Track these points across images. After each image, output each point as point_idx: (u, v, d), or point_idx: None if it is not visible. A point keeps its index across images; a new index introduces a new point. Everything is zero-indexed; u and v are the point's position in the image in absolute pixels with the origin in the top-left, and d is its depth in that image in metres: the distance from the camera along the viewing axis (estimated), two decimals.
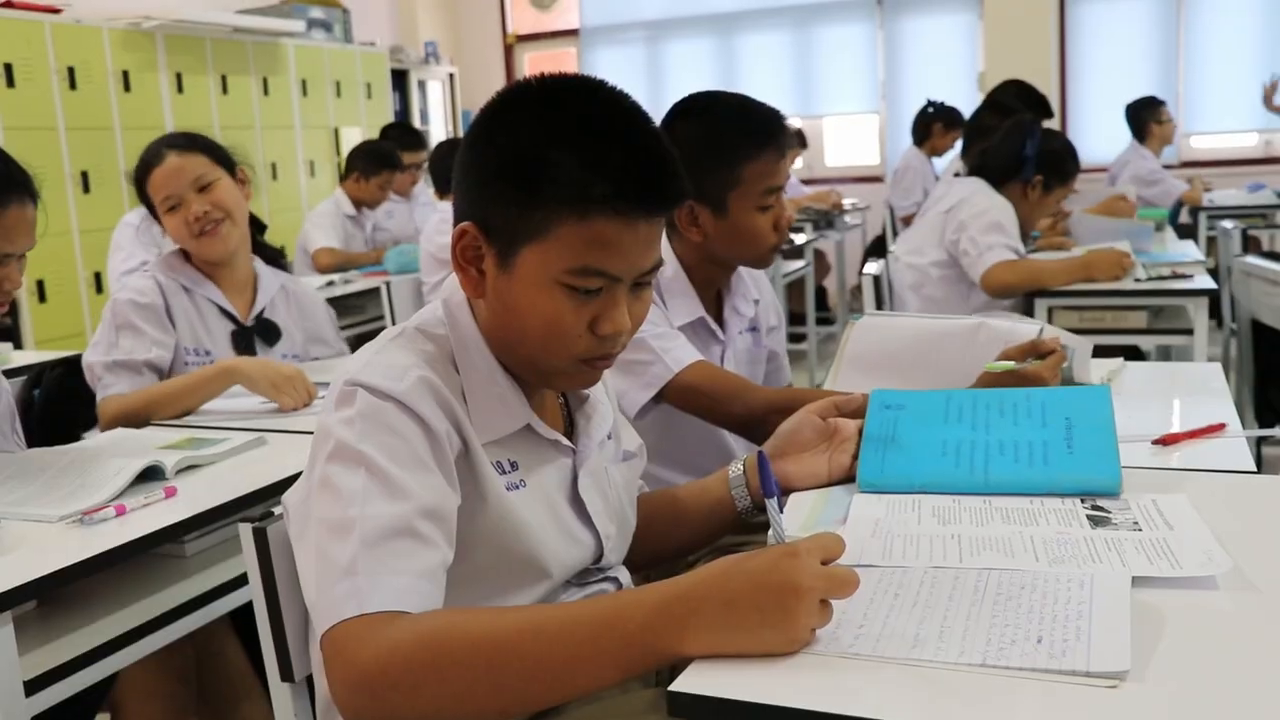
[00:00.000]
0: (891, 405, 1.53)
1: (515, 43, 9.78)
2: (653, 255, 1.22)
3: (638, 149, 1.18)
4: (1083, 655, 0.94)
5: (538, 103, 1.19)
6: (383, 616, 1.02)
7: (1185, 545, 1.18)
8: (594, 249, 1.16)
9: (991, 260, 3.23)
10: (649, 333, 1.91)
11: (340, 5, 7.70)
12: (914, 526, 1.27)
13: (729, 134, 1.94)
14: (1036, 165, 3.39)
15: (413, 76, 8.80)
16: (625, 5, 9.17)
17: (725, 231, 1.96)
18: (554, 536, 1.27)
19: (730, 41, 8.85)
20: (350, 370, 1.17)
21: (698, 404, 1.92)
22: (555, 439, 1.30)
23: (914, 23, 8.34)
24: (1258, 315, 3.37)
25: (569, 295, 1.18)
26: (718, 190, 1.94)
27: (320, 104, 7.28)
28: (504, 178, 1.17)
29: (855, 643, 1.00)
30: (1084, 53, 8.01)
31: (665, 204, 1.20)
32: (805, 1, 8.57)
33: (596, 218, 1.14)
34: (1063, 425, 1.45)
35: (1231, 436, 1.66)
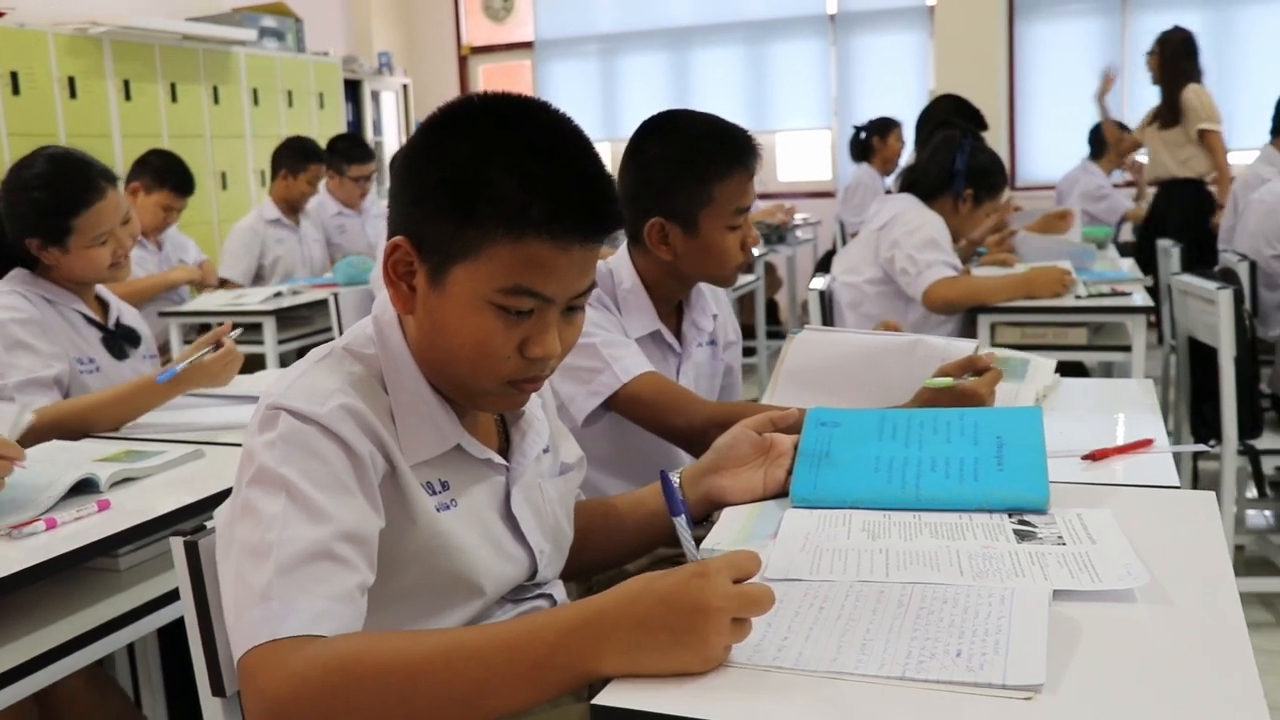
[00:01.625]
0: (827, 422, 1.54)
1: (470, 54, 9.77)
2: (586, 280, 1.21)
3: (578, 174, 1.17)
4: (999, 668, 0.96)
5: (480, 120, 1.18)
6: (296, 641, 1.02)
7: (1106, 559, 1.21)
8: (527, 270, 1.15)
9: (932, 278, 3.27)
10: (600, 340, 1.92)
11: (293, 15, 7.66)
12: (843, 541, 1.29)
13: (701, 153, 1.95)
14: (967, 179, 3.44)
15: (366, 87, 8.77)
16: (580, 18, 9.19)
17: (694, 250, 1.98)
18: (487, 555, 1.27)
19: (684, 56, 8.89)
20: (274, 392, 1.16)
21: (642, 414, 1.93)
22: (487, 458, 1.30)
23: (866, 40, 8.42)
24: (1194, 332, 3.43)
25: (499, 316, 1.17)
26: (689, 209, 1.96)
27: (272, 113, 7.24)
28: (441, 194, 1.16)
29: (779, 655, 1.01)
30: (1032, 71, 8.12)
31: (601, 230, 1.19)
32: (759, 17, 8.63)
33: (532, 240, 1.14)
34: (994, 443, 1.48)
35: (1158, 452, 1.69)
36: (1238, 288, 3.22)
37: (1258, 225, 4.06)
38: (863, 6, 8.41)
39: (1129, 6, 7.85)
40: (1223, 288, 3.13)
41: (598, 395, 1.91)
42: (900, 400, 1.80)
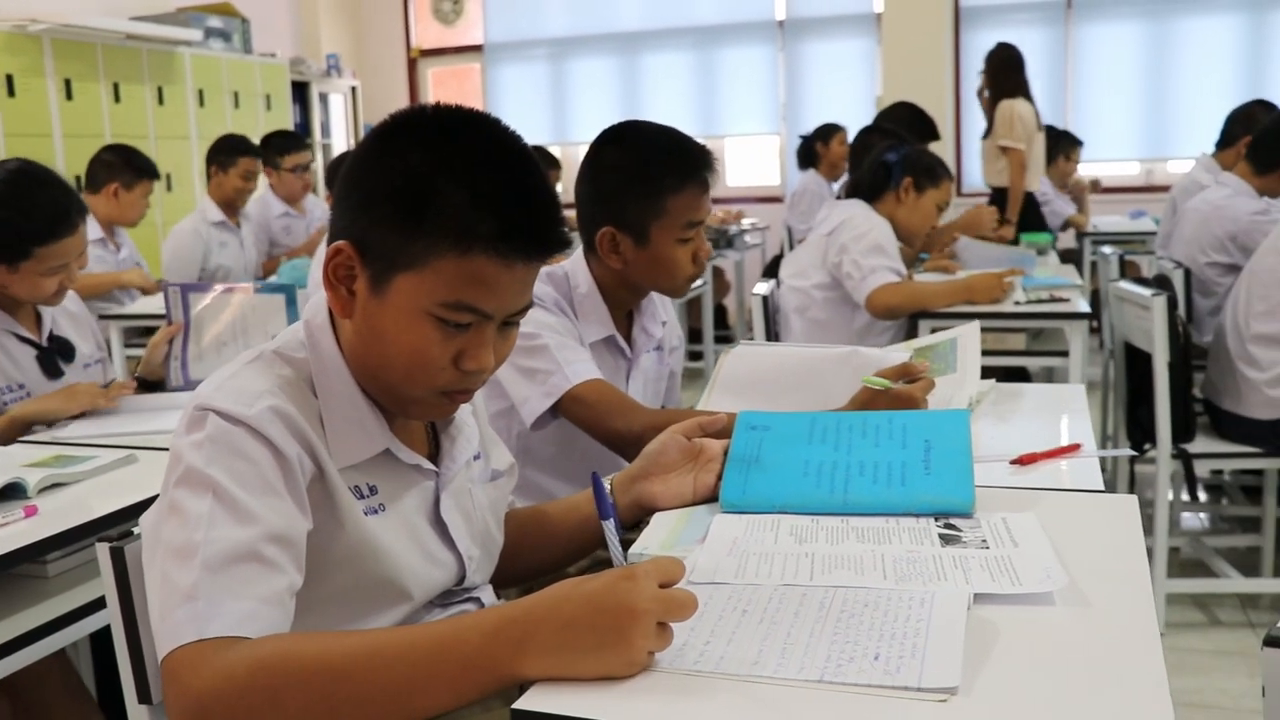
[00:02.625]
0: (757, 426, 1.56)
1: (419, 57, 9.73)
2: (525, 297, 1.22)
3: (527, 192, 1.18)
4: (916, 671, 0.98)
5: (433, 131, 1.19)
6: (221, 642, 1.01)
7: (1027, 562, 1.23)
8: (470, 285, 1.16)
9: (875, 283, 3.31)
10: (554, 343, 1.93)
11: (239, 15, 7.60)
12: (770, 545, 1.30)
13: (655, 165, 1.96)
14: (903, 169, 3.49)
15: (314, 89, 8.71)
16: (529, 22, 9.18)
17: (645, 261, 1.99)
18: (415, 559, 1.27)
19: (634, 61, 8.91)
20: (202, 394, 1.16)
21: (584, 417, 1.94)
22: (416, 463, 1.30)
23: (814, 46, 8.48)
24: (1130, 338, 3.49)
25: (437, 327, 1.18)
26: (640, 219, 1.97)
27: (218, 115, 7.17)
28: (389, 202, 1.16)
29: (700, 659, 1.02)
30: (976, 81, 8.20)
31: (546, 250, 1.20)
32: (708, 23, 8.67)
33: (478, 255, 1.14)
34: (922, 447, 1.50)
35: (1086, 457, 1.72)
36: (1171, 294, 3.27)
37: (1193, 233, 4.13)
38: (811, 13, 8.46)
39: (1072, 16, 7.96)
40: (1157, 294, 3.18)
41: (550, 396, 1.92)
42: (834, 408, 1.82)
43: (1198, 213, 4.11)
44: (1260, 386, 3.27)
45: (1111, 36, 7.90)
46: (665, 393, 2.31)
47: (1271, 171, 3.93)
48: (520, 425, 1.96)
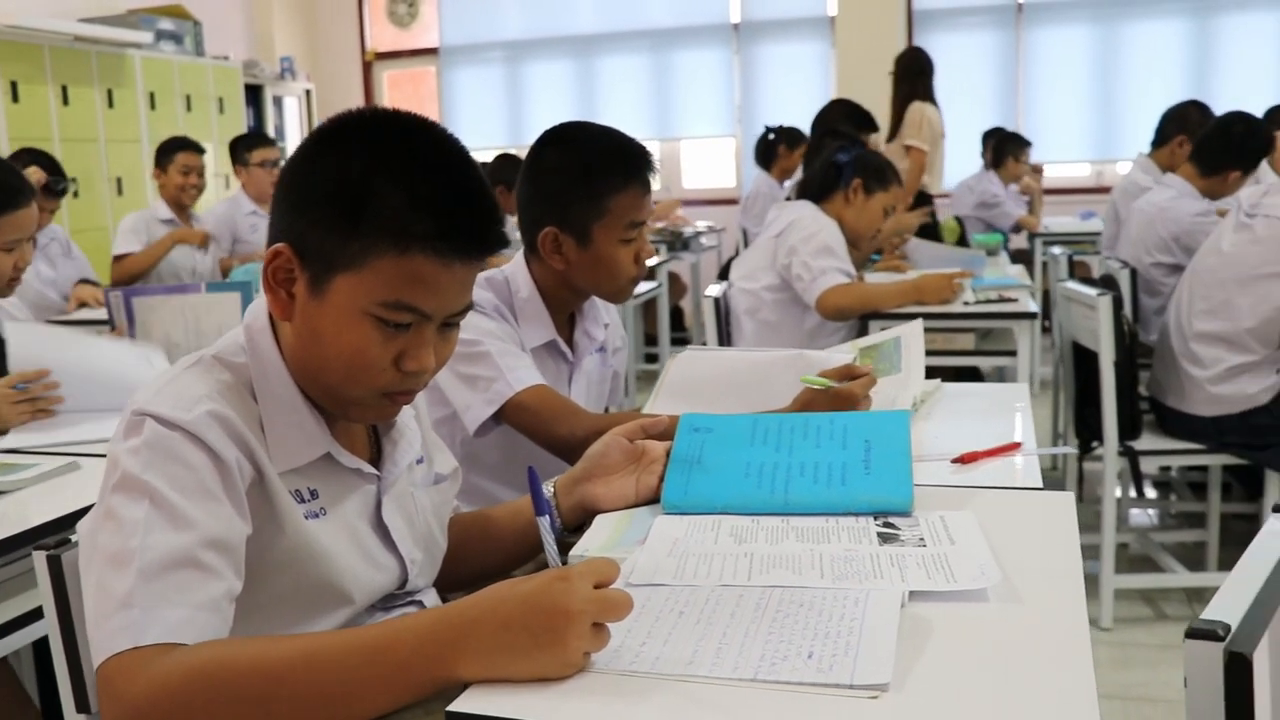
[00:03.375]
0: (700, 428, 1.57)
1: (374, 60, 9.69)
2: (465, 297, 1.23)
3: (465, 193, 1.19)
4: (848, 668, 0.99)
5: (370, 134, 1.19)
6: (156, 649, 1.01)
7: (963, 560, 1.24)
8: (409, 285, 1.16)
9: (825, 285, 3.33)
10: (495, 349, 1.92)
11: (191, 18, 7.53)
12: (710, 546, 1.31)
13: (597, 165, 1.96)
14: (854, 170, 3.50)
15: (268, 92, 8.65)
16: (485, 25, 9.17)
17: (587, 261, 1.98)
18: (356, 563, 1.27)
19: (589, 64, 8.92)
20: (140, 399, 1.16)
21: (527, 424, 1.94)
22: (357, 467, 1.30)
23: (769, 49, 8.52)
24: (1077, 338, 3.53)
25: (377, 327, 1.18)
26: (582, 220, 1.96)
27: (170, 118, 7.11)
28: (327, 203, 1.17)
29: (636, 659, 1.03)
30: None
31: (484, 249, 1.21)
32: (663, 26, 8.69)
33: (416, 255, 1.15)
34: (862, 447, 1.51)
35: (1026, 455, 1.74)
36: (1117, 294, 3.32)
37: (1139, 234, 4.19)
38: (765, 16, 8.51)
39: (1023, 20, 8.06)
40: (1102, 294, 3.23)
41: (493, 403, 1.91)
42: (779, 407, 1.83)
43: (1143, 214, 4.18)
44: (1203, 384, 3.32)
45: (1061, 40, 8.00)
46: (610, 393, 2.31)
47: (1216, 174, 3.99)
48: (464, 431, 1.96)
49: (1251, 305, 3.23)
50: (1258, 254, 3.23)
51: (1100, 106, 7.94)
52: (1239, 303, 3.25)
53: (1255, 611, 1.00)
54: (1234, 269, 3.28)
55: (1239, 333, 3.26)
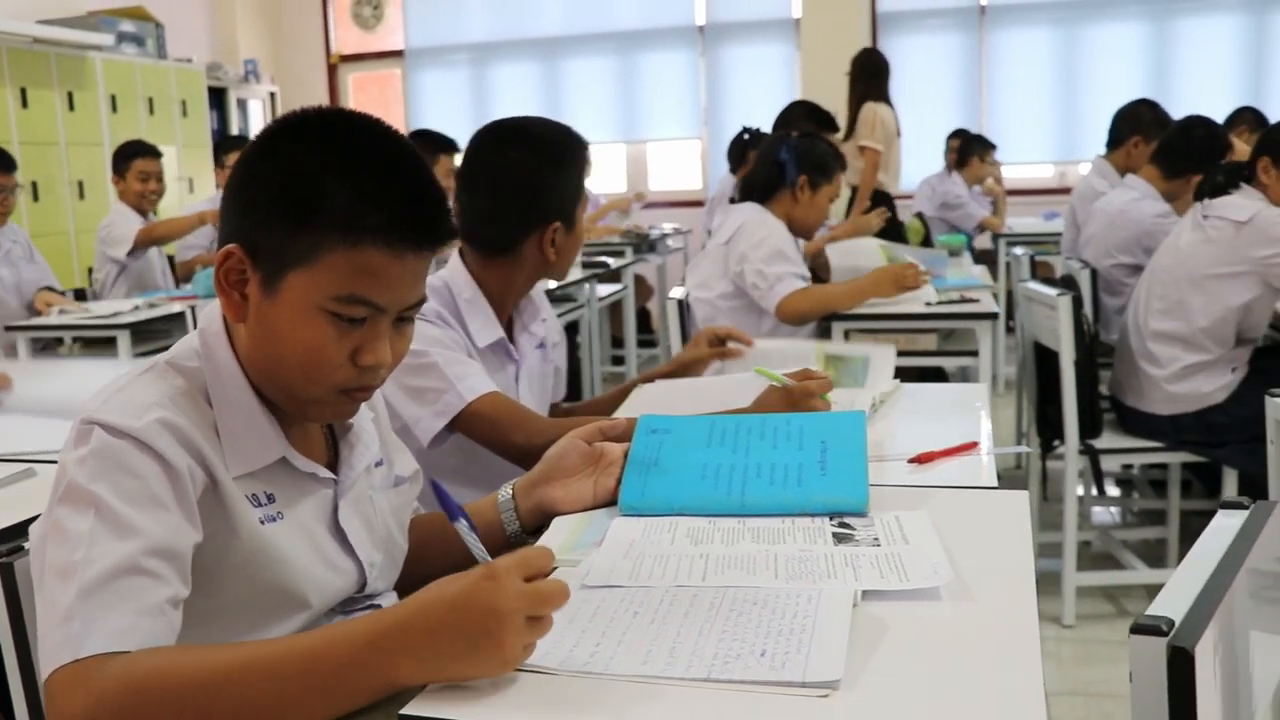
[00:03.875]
0: (657, 430, 1.57)
1: (339, 62, 9.65)
2: (418, 291, 1.24)
3: (413, 185, 1.20)
4: (800, 667, 1.00)
5: (317, 132, 1.21)
6: (98, 660, 1.00)
7: (916, 559, 1.26)
8: (361, 278, 1.17)
9: (783, 292, 3.30)
10: (443, 359, 1.92)
11: (153, 19, 7.48)
12: (667, 547, 1.32)
13: (567, 152, 2.02)
14: (798, 167, 3.46)
15: (232, 95, 8.61)
16: (450, 27, 9.15)
17: (570, 245, 2.05)
18: (314, 567, 1.27)
19: (555, 66, 8.92)
20: (89, 407, 1.15)
21: (483, 433, 1.94)
22: (313, 471, 1.30)
23: (734, 51, 8.54)
24: (1038, 337, 3.56)
25: (332, 323, 1.18)
26: (570, 207, 2.02)
27: (132, 121, 7.06)
28: (276, 201, 1.18)
29: (590, 661, 1.03)
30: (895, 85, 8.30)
31: (435, 240, 1.22)
32: (629, 28, 8.70)
33: (367, 247, 1.16)
34: (818, 448, 1.52)
35: (983, 454, 1.76)
36: (1077, 294, 3.35)
37: (1100, 234, 4.23)
38: (730, 18, 8.53)
39: (986, 22, 8.12)
40: (1062, 294, 3.26)
41: (443, 416, 1.91)
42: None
43: (1105, 215, 4.22)
44: (1160, 383, 3.36)
45: (1024, 42, 8.07)
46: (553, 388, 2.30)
47: (1179, 177, 4.02)
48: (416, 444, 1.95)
49: (1205, 305, 3.27)
50: (1210, 254, 3.27)
51: (1062, 108, 8.01)
52: (1193, 303, 3.29)
53: (1199, 607, 1.02)
54: (1188, 269, 3.32)
55: (1194, 332, 3.30)
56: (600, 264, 5.83)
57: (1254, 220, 3.19)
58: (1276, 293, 3.26)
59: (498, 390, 1.96)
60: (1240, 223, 3.21)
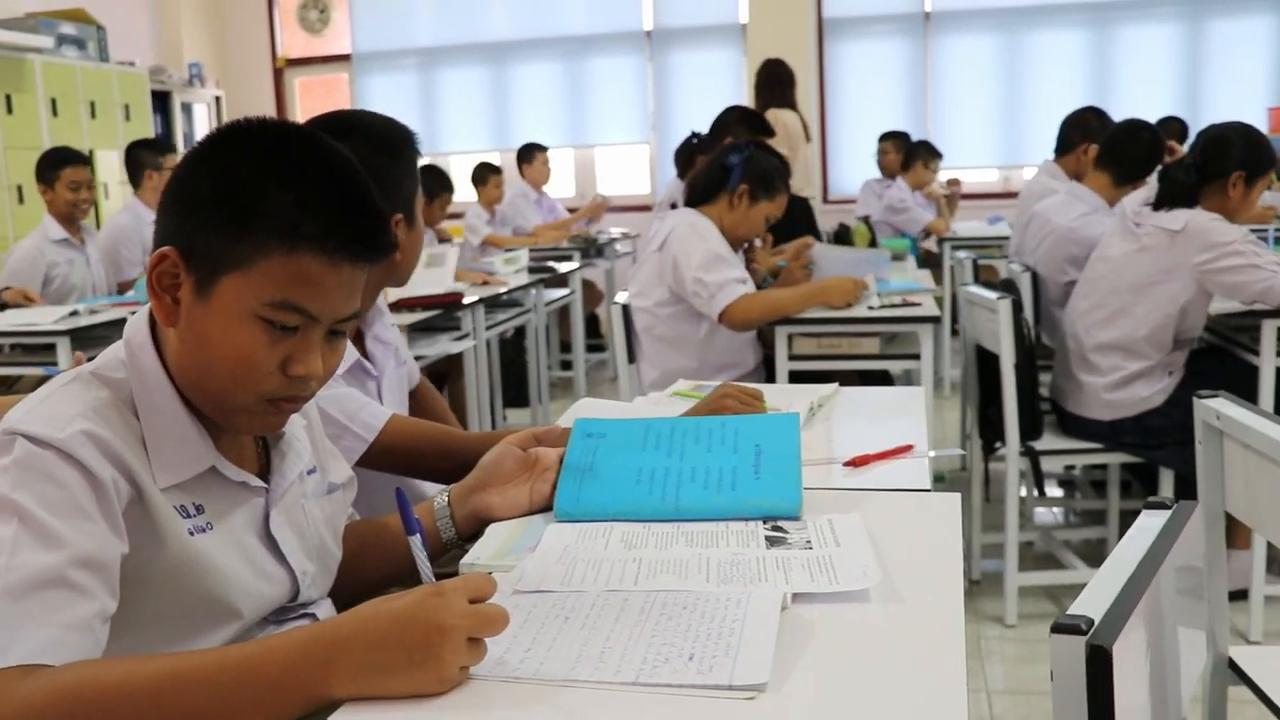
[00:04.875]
0: (593, 434, 1.58)
1: (285, 66, 9.59)
2: (353, 303, 1.24)
3: (352, 197, 1.21)
4: (727, 670, 1.01)
5: (258, 140, 1.21)
6: (20, 670, 0.99)
7: (846, 561, 1.27)
8: (296, 285, 1.17)
9: (728, 299, 3.26)
10: (331, 404, 1.79)
11: (95, 22, 7.39)
12: (600, 552, 1.32)
13: (400, 141, 1.90)
14: (742, 175, 3.42)
15: (176, 99, 8.52)
16: (398, 32, 9.12)
17: (413, 243, 1.93)
18: (244, 577, 1.26)
19: (503, 71, 8.91)
20: (11, 418, 1.14)
21: (399, 463, 1.86)
22: (243, 480, 1.29)
23: (682, 56, 8.58)
24: (980, 340, 3.60)
25: (264, 330, 1.18)
26: (411, 201, 1.91)
27: (73, 125, 6.96)
28: (214, 205, 1.17)
29: (520, 667, 1.04)
30: (842, 90, 8.41)
31: (371, 252, 1.22)
32: (577, 33, 8.72)
33: (304, 254, 1.16)
34: (753, 451, 1.53)
35: (917, 457, 1.78)
36: (1016, 298, 3.40)
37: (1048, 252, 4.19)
38: (678, 23, 8.57)
39: (930, 28, 8.20)
40: (1002, 298, 3.30)
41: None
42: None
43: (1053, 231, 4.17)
44: (1099, 391, 3.42)
45: (968, 48, 8.17)
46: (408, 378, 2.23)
47: (1129, 183, 4.05)
48: None
49: (1146, 312, 3.32)
50: (1147, 262, 3.32)
51: (1006, 113, 8.12)
52: (1134, 311, 3.34)
53: (1118, 605, 1.04)
54: (1126, 278, 3.36)
55: (1136, 340, 3.35)
56: (547, 269, 5.83)
57: (1188, 227, 3.24)
58: (1210, 296, 3.32)
59: (396, 414, 1.89)
60: (1174, 230, 3.26)
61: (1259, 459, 1.76)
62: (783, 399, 2.01)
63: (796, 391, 2.17)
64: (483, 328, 4.60)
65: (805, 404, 2.04)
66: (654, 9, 8.60)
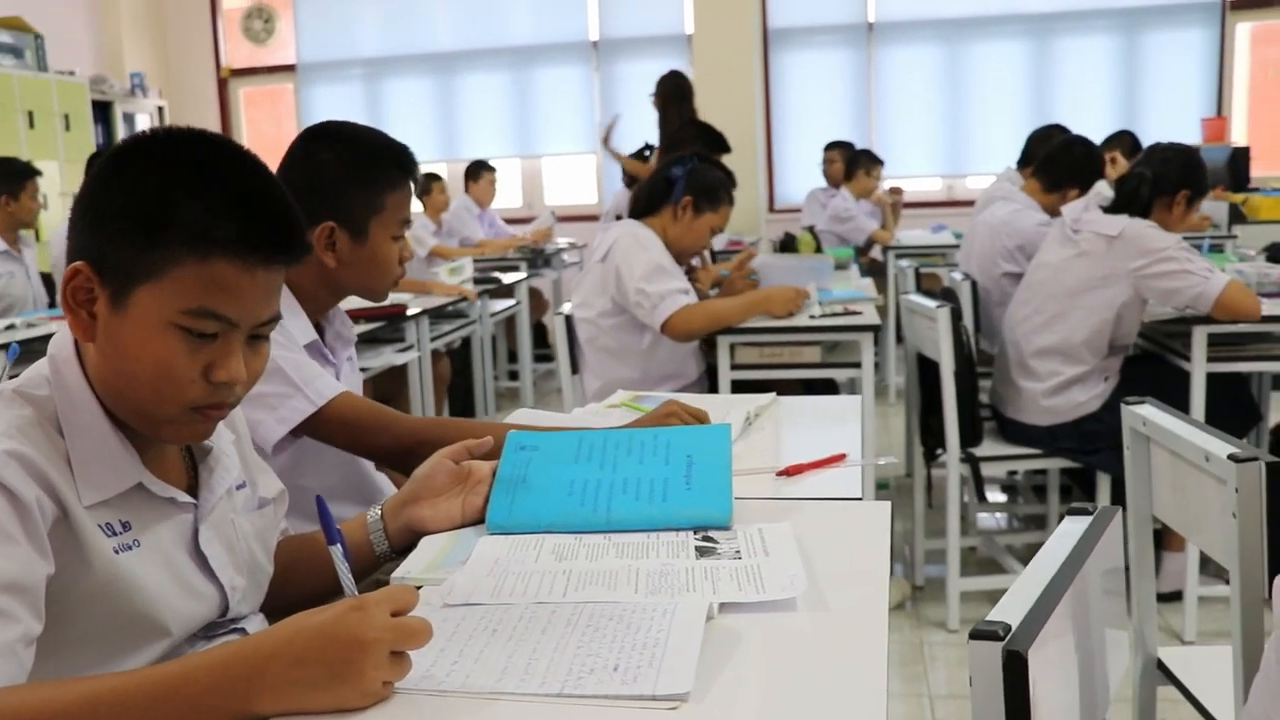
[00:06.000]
0: (526, 446, 1.58)
1: (230, 76, 9.51)
2: (271, 306, 1.24)
3: (263, 199, 1.21)
4: (651, 680, 1.01)
5: (165, 149, 1.21)
6: None
7: (774, 571, 1.28)
8: (212, 292, 1.17)
9: (670, 309, 3.28)
10: (287, 363, 1.85)
11: (32, 30, 7.30)
12: (531, 564, 1.33)
13: (377, 161, 1.95)
14: (685, 187, 3.44)
15: (118, 109, 8.41)
16: (343, 42, 9.07)
17: (361, 258, 1.95)
18: (172, 595, 1.25)
19: (450, 81, 8.89)
20: None
21: (344, 437, 1.89)
22: (170, 495, 1.28)
23: (628, 67, 8.59)
24: (921, 348, 3.64)
25: (183, 338, 1.18)
26: (361, 214, 1.93)
27: (10, 134, 6.86)
28: (125, 217, 1.17)
29: (446, 680, 1.04)
30: (787, 99, 8.46)
31: (286, 254, 1.22)
32: (523, 43, 8.71)
33: (217, 260, 1.16)
34: (684, 462, 1.54)
35: (851, 466, 1.80)
36: (955, 306, 3.44)
37: (983, 246, 4.33)
38: (624, 34, 8.59)
39: (874, 39, 8.28)
40: (941, 306, 3.34)
41: (287, 422, 1.84)
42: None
43: (987, 226, 4.33)
44: (1037, 397, 3.47)
45: (911, 59, 8.26)
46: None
47: (1057, 191, 4.16)
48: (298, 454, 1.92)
49: (1083, 317, 3.38)
50: (1084, 267, 3.38)
51: (949, 123, 8.21)
52: (1071, 316, 3.40)
53: (1036, 611, 1.06)
54: (1064, 283, 3.43)
55: (1073, 345, 3.41)
56: (493, 279, 5.82)
57: (1124, 234, 3.31)
58: (1144, 302, 3.38)
59: (349, 390, 1.92)
60: (1111, 236, 3.32)
61: (1184, 465, 1.80)
62: (721, 409, 2.03)
63: (735, 401, 2.19)
64: (427, 339, 4.58)
65: (742, 414, 2.05)
66: (600, 19, 8.62)
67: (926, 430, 3.72)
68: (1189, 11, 7.89)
